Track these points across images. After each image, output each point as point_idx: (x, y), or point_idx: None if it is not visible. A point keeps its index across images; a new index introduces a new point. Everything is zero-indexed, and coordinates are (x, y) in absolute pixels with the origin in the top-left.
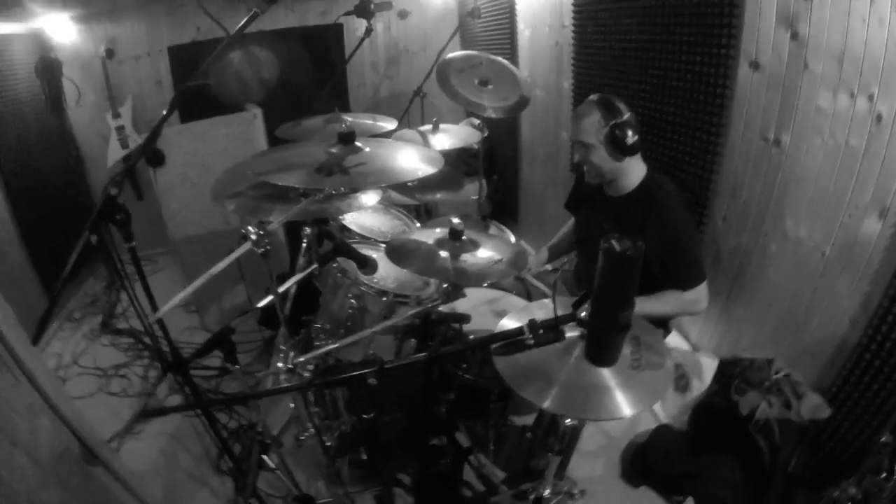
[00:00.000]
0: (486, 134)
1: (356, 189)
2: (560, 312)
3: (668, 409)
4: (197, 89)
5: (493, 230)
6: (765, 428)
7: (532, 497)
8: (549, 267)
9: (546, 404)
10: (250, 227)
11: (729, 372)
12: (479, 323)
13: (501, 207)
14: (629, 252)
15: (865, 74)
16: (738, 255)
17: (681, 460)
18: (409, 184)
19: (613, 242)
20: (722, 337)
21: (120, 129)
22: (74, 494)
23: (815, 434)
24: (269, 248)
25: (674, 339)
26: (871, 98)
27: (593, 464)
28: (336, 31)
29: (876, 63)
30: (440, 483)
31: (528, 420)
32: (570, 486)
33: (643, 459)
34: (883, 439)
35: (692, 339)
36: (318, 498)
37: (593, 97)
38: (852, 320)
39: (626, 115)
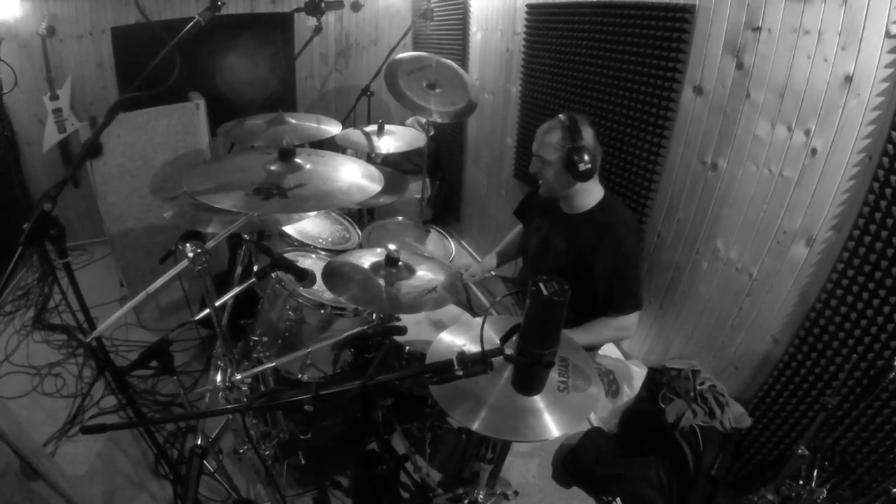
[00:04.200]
0: (431, 133)
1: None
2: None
3: (599, 413)
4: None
5: (433, 236)
6: (690, 434)
7: (467, 500)
8: (492, 273)
9: (475, 426)
10: (188, 245)
11: (657, 380)
12: (416, 333)
13: (444, 208)
14: (555, 297)
15: (805, 109)
16: (670, 270)
17: (610, 463)
18: None
19: (541, 286)
20: (651, 347)
21: (57, 111)
22: None
23: (737, 442)
24: (206, 265)
25: (606, 348)
26: (807, 132)
27: (527, 465)
28: (286, 20)
29: (816, 99)
30: (378, 486)
31: None
32: (504, 488)
33: (574, 461)
34: (799, 451)
35: (623, 347)
36: (258, 502)
37: (563, 116)
38: (775, 338)
39: (586, 142)
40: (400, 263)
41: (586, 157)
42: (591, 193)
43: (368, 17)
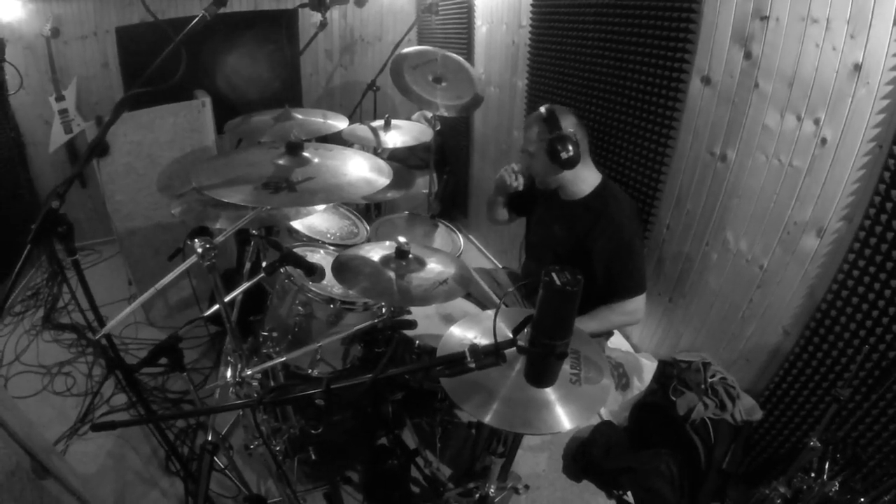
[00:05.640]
0: (438, 128)
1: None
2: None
3: (609, 406)
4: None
5: (441, 231)
6: (701, 427)
7: (478, 495)
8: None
9: (487, 419)
10: (197, 240)
11: (667, 373)
12: (426, 327)
13: (452, 202)
14: (568, 287)
15: (814, 98)
16: (679, 262)
17: (621, 456)
18: None
19: (554, 276)
20: (662, 339)
21: (63, 112)
22: None
23: (748, 434)
24: (215, 260)
25: (616, 340)
26: (817, 122)
27: (537, 458)
28: (290, 16)
29: (825, 88)
30: (389, 481)
31: None
32: (515, 482)
33: (585, 455)
34: (811, 444)
35: (633, 340)
36: (269, 497)
37: (542, 109)
38: (786, 330)
39: (566, 130)
40: (410, 256)
41: (569, 146)
42: (586, 180)
43: (373, 13)
